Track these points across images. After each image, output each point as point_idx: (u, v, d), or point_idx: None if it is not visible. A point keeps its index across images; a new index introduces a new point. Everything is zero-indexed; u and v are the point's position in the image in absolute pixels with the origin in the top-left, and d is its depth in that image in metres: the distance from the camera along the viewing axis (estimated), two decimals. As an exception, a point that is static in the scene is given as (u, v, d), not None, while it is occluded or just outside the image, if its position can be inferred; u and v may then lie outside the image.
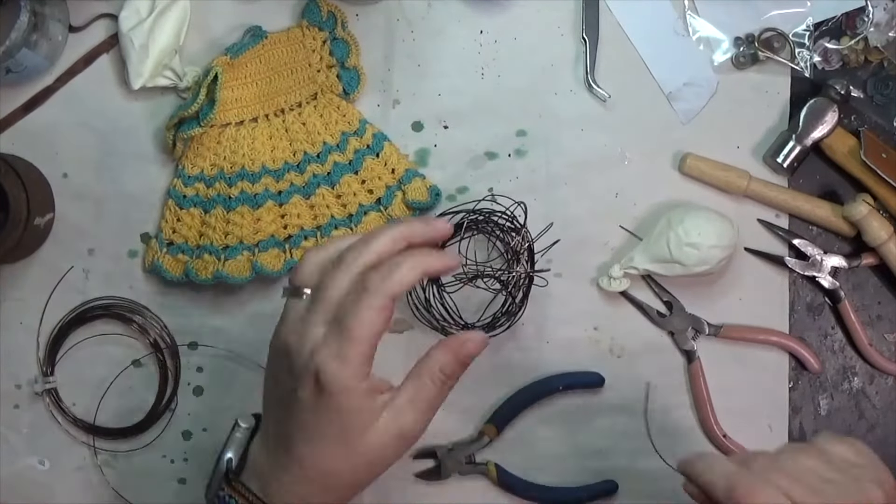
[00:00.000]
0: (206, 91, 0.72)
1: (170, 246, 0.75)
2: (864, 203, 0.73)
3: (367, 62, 0.76)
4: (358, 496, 0.76)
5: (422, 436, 0.57)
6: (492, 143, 0.77)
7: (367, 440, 0.55)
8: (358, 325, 0.52)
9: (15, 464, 0.77)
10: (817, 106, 0.74)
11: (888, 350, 0.77)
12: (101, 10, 0.76)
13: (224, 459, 0.60)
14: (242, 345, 0.76)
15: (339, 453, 0.55)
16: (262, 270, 0.73)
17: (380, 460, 0.56)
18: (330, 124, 0.75)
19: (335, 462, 0.56)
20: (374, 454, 0.56)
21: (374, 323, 0.53)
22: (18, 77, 0.75)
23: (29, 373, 0.77)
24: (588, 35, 0.76)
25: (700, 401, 0.75)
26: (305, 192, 0.75)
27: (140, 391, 0.77)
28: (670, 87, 0.76)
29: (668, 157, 0.77)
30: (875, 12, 0.75)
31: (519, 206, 0.70)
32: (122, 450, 0.77)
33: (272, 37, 0.75)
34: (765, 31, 0.76)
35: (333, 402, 0.53)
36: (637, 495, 0.76)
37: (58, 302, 0.76)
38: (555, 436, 0.76)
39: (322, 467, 0.56)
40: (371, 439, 0.55)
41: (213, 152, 0.75)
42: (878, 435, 0.76)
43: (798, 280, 0.77)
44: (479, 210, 0.65)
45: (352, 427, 0.54)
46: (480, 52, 0.77)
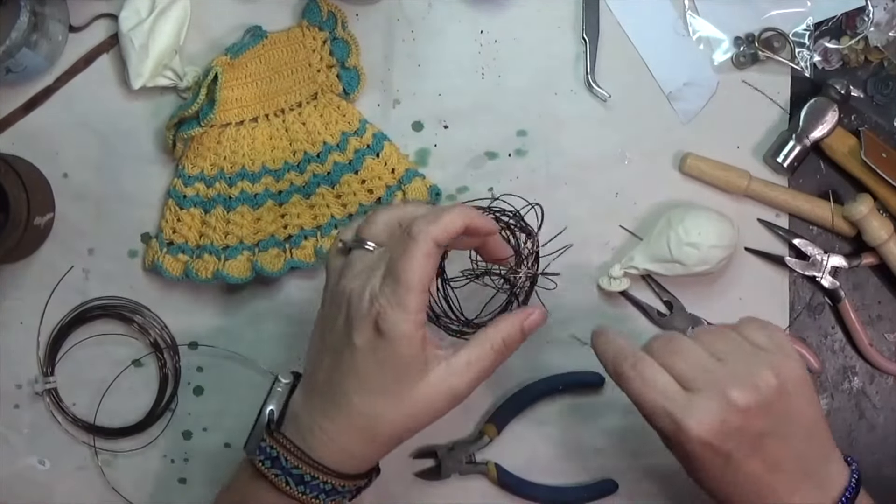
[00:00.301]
0: (206, 91, 0.72)
1: (170, 246, 0.75)
2: (865, 203, 0.73)
3: (367, 62, 0.76)
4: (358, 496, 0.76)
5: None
6: (492, 143, 0.77)
7: (419, 391, 0.56)
8: (409, 272, 0.54)
9: (15, 464, 0.77)
10: (817, 106, 0.74)
11: (888, 350, 0.77)
12: (101, 10, 0.76)
13: (266, 411, 0.62)
14: (242, 345, 0.76)
15: (390, 402, 0.57)
16: (262, 270, 0.73)
17: (425, 414, 0.58)
18: (330, 124, 0.75)
19: (384, 410, 0.57)
20: (421, 406, 0.57)
21: (423, 268, 0.54)
22: (18, 77, 0.75)
23: (29, 373, 0.77)
24: (588, 35, 0.76)
25: (700, 401, 0.75)
26: (305, 192, 0.75)
27: (140, 391, 0.77)
28: (670, 87, 0.76)
29: (668, 157, 0.77)
30: (875, 12, 0.75)
31: (534, 209, 0.69)
32: (122, 450, 0.77)
33: (272, 37, 0.75)
34: (765, 31, 0.76)
35: (391, 349, 0.55)
36: (637, 495, 0.76)
37: (58, 302, 0.76)
38: (555, 436, 0.76)
39: (370, 415, 0.57)
40: (422, 391, 0.56)
41: (213, 152, 0.75)
42: (878, 435, 0.77)
43: (798, 280, 0.77)
44: (492, 208, 0.64)
45: (406, 375, 0.56)
46: (480, 52, 0.77)
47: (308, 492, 0.58)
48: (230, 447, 0.76)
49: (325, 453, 0.59)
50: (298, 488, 0.58)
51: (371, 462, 0.61)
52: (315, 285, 0.76)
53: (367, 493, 0.76)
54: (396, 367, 0.56)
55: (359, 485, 0.61)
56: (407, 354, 0.56)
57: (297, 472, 0.58)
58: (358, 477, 0.61)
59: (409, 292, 0.54)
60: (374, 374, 0.56)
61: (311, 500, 0.59)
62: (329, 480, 0.58)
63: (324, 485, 0.58)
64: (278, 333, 0.76)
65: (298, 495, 0.59)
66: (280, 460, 0.59)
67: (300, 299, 0.76)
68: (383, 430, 0.58)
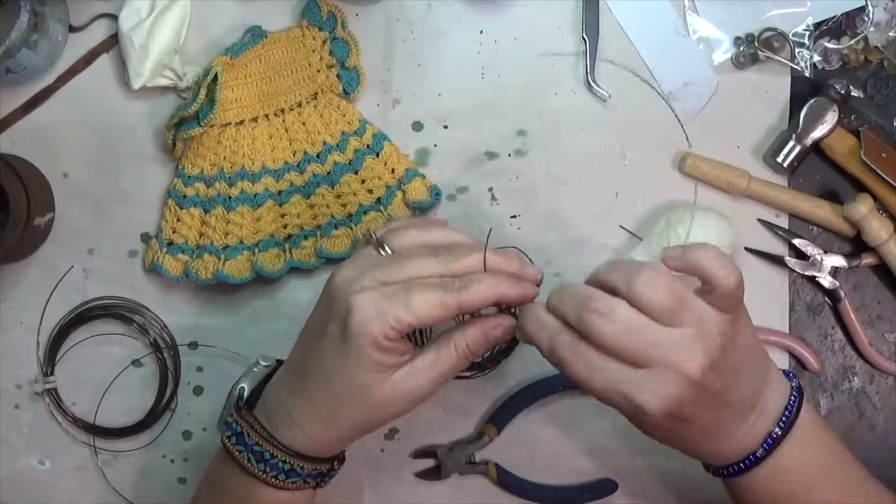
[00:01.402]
0: (206, 91, 0.72)
1: (170, 246, 0.75)
2: (865, 203, 0.73)
3: (367, 62, 0.76)
4: (358, 495, 0.76)
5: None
6: (492, 143, 0.77)
7: (378, 391, 0.57)
8: (416, 304, 0.54)
9: (15, 464, 0.77)
10: (817, 106, 0.74)
11: (888, 350, 0.77)
12: (101, 10, 0.76)
13: (237, 388, 0.63)
14: (242, 345, 0.76)
15: (349, 396, 0.57)
16: (262, 270, 0.73)
17: (387, 412, 0.59)
18: (330, 124, 0.75)
19: (342, 403, 0.58)
20: (381, 405, 0.58)
21: (430, 314, 0.55)
22: (18, 77, 0.75)
23: (29, 373, 0.77)
24: (588, 35, 0.76)
25: (700, 401, 0.75)
26: (305, 192, 0.75)
27: (140, 391, 0.77)
28: (670, 87, 0.76)
29: (668, 157, 0.77)
30: (875, 12, 0.75)
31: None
32: (122, 450, 0.77)
33: (272, 37, 0.75)
34: (765, 31, 0.76)
35: (354, 344, 0.55)
36: (637, 495, 0.76)
37: (58, 302, 0.76)
38: (555, 436, 0.76)
39: (329, 404, 0.58)
40: (382, 391, 0.57)
41: (213, 152, 0.75)
42: (878, 435, 0.76)
43: (798, 280, 0.77)
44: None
45: (364, 374, 0.56)
46: (480, 52, 0.77)
47: (268, 470, 0.59)
48: (230, 447, 0.76)
49: (288, 434, 0.59)
50: (259, 466, 0.59)
51: (332, 449, 0.62)
52: (315, 285, 0.76)
53: (366, 494, 0.76)
54: (357, 364, 0.56)
55: (319, 469, 0.61)
56: (367, 355, 0.55)
57: (258, 448, 0.59)
58: (318, 461, 0.61)
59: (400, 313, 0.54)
60: (337, 364, 0.57)
61: (271, 480, 0.60)
62: (288, 460, 0.59)
63: (283, 464, 0.59)
64: (278, 333, 0.76)
65: (258, 473, 0.59)
66: (244, 436, 0.60)
67: (300, 299, 0.76)
68: (343, 423, 0.59)
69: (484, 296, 0.55)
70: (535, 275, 0.59)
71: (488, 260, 0.57)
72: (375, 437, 0.76)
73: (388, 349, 0.55)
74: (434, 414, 0.76)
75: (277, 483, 0.60)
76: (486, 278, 0.56)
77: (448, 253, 0.57)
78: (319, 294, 0.60)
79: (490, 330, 0.58)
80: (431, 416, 0.76)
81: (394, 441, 0.76)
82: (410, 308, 0.54)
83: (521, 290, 0.57)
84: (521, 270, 0.58)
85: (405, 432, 0.76)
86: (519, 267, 0.58)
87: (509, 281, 0.56)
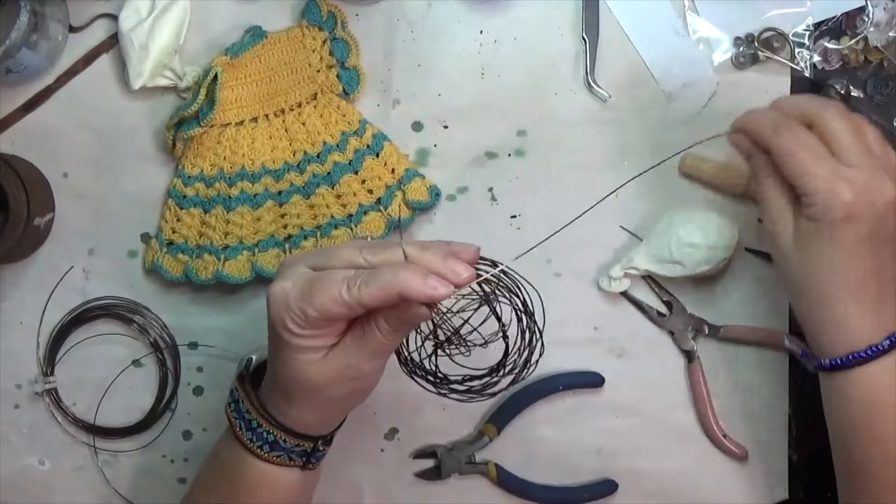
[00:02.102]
0: (205, 91, 0.72)
1: (170, 246, 0.75)
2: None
3: (367, 62, 0.76)
4: (358, 495, 0.76)
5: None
6: (492, 143, 0.77)
7: (314, 372, 0.57)
8: (317, 299, 0.54)
9: (15, 464, 0.77)
10: (817, 106, 0.74)
11: (888, 350, 0.76)
12: (101, 10, 0.76)
13: (245, 358, 0.65)
14: (242, 345, 0.76)
15: (292, 379, 0.58)
16: (262, 270, 0.73)
17: (333, 391, 0.58)
18: (330, 124, 0.75)
19: (292, 386, 0.59)
20: (324, 385, 0.58)
21: (331, 309, 0.54)
22: (18, 77, 0.75)
23: (29, 373, 0.77)
24: (588, 35, 0.76)
25: (700, 401, 0.75)
26: (305, 192, 0.75)
27: (140, 391, 0.77)
28: (670, 87, 0.76)
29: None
30: (875, 12, 0.75)
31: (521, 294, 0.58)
32: (122, 450, 0.77)
33: (272, 37, 0.75)
34: (765, 31, 0.76)
35: (275, 331, 0.56)
36: (637, 495, 0.76)
37: (58, 302, 0.76)
38: (555, 436, 0.76)
39: (282, 386, 0.59)
40: (318, 372, 0.57)
41: (213, 152, 0.75)
42: (878, 435, 0.76)
43: (798, 280, 0.76)
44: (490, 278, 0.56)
45: (295, 358, 0.57)
46: (480, 52, 0.77)
47: (254, 439, 0.61)
48: (230, 447, 0.76)
49: (270, 406, 0.61)
50: (247, 434, 0.61)
51: (312, 429, 0.62)
52: (315, 285, 0.76)
53: (366, 494, 0.76)
54: (283, 352, 0.57)
55: (303, 446, 0.62)
56: (286, 343, 0.56)
57: (248, 416, 0.61)
58: (301, 437, 0.61)
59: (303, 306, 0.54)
60: (276, 352, 0.58)
61: (256, 449, 0.61)
62: (272, 431, 0.60)
63: (267, 434, 0.60)
64: (278, 333, 0.76)
65: (246, 441, 0.61)
66: (239, 403, 0.62)
67: (300, 299, 0.76)
68: (300, 399, 0.59)
69: (380, 291, 0.52)
70: (461, 275, 0.53)
71: (408, 253, 0.54)
72: (375, 437, 0.76)
73: (304, 335, 0.55)
74: (434, 414, 0.76)
75: (262, 454, 0.61)
76: (387, 272, 0.52)
77: (378, 246, 0.56)
78: None
79: (403, 312, 0.54)
80: (431, 416, 0.76)
81: (394, 441, 0.76)
82: (311, 301, 0.54)
83: (427, 289, 0.52)
84: (441, 267, 0.53)
85: (405, 432, 0.76)
86: (439, 263, 0.53)
87: (416, 277, 0.52)
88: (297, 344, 0.56)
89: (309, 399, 0.59)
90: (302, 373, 0.57)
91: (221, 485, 0.64)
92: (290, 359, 0.57)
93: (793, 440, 0.76)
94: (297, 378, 0.57)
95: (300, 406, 0.60)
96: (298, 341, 0.56)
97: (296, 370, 0.57)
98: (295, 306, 0.54)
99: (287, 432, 0.60)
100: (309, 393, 0.58)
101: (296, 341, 0.56)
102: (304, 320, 0.54)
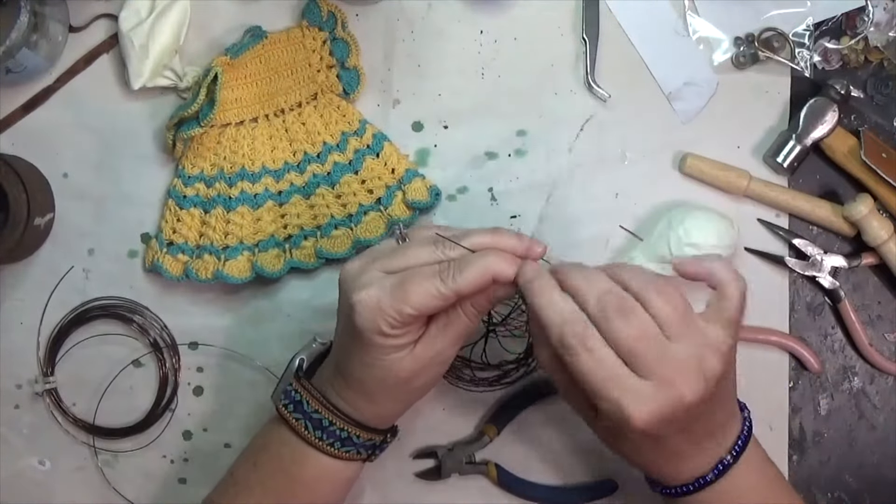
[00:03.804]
0: (206, 91, 0.72)
1: (170, 246, 0.75)
2: (865, 203, 0.73)
3: (367, 62, 0.76)
4: (358, 495, 0.76)
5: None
6: (492, 143, 0.77)
7: (402, 368, 0.59)
8: (413, 297, 0.56)
9: (15, 464, 0.77)
10: (817, 106, 0.74)
11: (888, 350, 0.77)
12: (101, 10, 0.76)
13: (297, 360, 0.68)
14: (242, 345, 0.76)
15: (376, 379, 0.60)
16: (262, 270, 0.73)
17: (419, 382, 0.60)
18: (330, 124, 0.75)
19: (374, 385, 0.60)
20: (410, 379, 0.60)
21: (428, 304, 0.56)
22: (18, 77, 0.75)
23: (29, 373, 0.77)
24: (588, 35, 0.76)
25: (700, 401, 0.75)
26: (305, 192, 0.75)
27: (140, 391, 0.77)
28: (670, 87, 0.76)
29: (668, 157, 0.77)
30: (875, 12, 0.75)
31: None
32: (122, 450, 0.77)
33: (272, 37, 0.75)
34: (765, 31, 0.76)
35: (365, 338, 0.57)
36: (637, 495, 0.76)
37: (58, 302, 0.76)
38: (555, 436, 0.76)
39: (365, 386, 0.60)
40: (406, 366, 0.59)
41: (213, 152, 0.75)
42: (878, 435, 0.77)
43: (798, 280, 0.77)
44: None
45: (382, 359, 0.58)
46: (480, 52, 0.77)
47: (324, 437, 0.61)
48: (230, 447, 0.76)
49: (340, 404, 0.62)
50: (316, 433, 0.62)
51: (384, 421, 0.63)
52: (315, 285, 0.76)
53: (366, 493, 0.76)
54: (376, 354, 0.58)
55: (373, 440, 0.63)
56: (374, 343, 0.57)
57: (317, 415, 0.61)
58: (374, 431, 0.63)
59: (397, 305, 0.56)
60: (359, 356, 0.59)
61: (326, 447, 0.62)
62: (346, 428, 0.61)
63: (340, 431, 0.61)
64: (278, 333, 0.76)
65: (314, 440, 0.61)
66: (302, 404, 0.62)
67: (300, 299, 0.76)
68: (382, 399, 0.61)
69: (477, 278, 0.56)
70: (536, 250, 0.58)
71: (483, 241, 0.57)
72: (375, 437, 0.76)
73: (398, 335, 0.57)
74: (434, 414, 0.76)
75: (333, 451, 0.62)
76: (477, 259, 0.56)
77: (451, 238, 0.58)
78: (319, 294, 0.60)
79: (490, 292, 0.58)
80: (431, 416, 0.76)
81: (394, 441, 0.76)
82: (408, 300, 0.56)
83: (515, 267, 0.56)
84: (518, 245, 0.58)
85: (405, 432, 0.76)
86: (515, 242, 0.58)
87: (503, 258, 0.56)
88: (389, 344, 0.57)
89: (395, 393, 0.61)
90: (392, 370, 0.59)
91: (275, 481, 0.64)
92: (379, 360, 0.58)
93: (793, 440, 0.76)
94: (387, 376, 0.59)
95: (384, 402, 0.61)
96: (390, 342, 0.57)
97: (386, 369, 0.59)
98: (390, 309, 0.56)
99: (361, 427, 0.62)
100: (397, 388, 0.60)
101: (388, 342, 0.57)
102: (399, 320, 0.56)
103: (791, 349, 0.75)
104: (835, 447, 0.77)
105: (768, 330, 0.75)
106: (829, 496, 0.76)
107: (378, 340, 0.57)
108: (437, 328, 0.59)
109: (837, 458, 0.77)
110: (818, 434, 0.77)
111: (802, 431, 0.76)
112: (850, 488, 0.77)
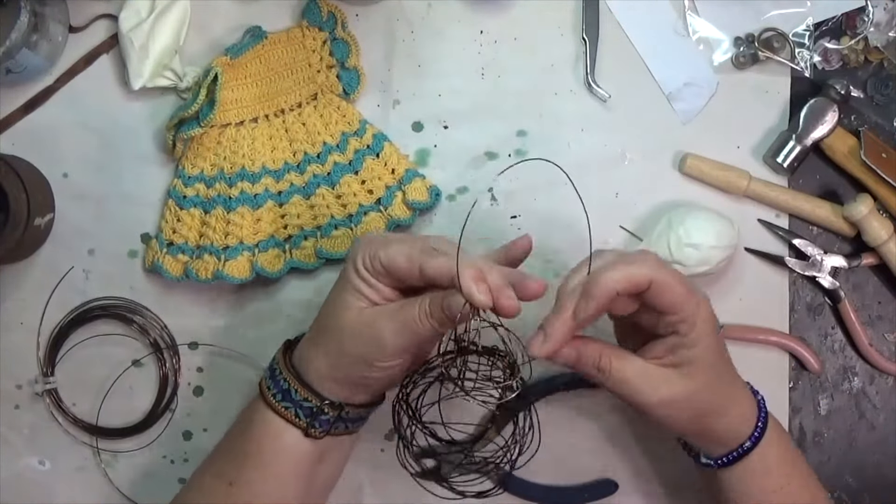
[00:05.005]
0: (206, 91, 0.72)
1: (170, 246, 0.75)
2: (865, 203, 0.73)
3: (367, 62, 0.76)
4: (358, 495, 0.76)
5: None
6: (492, 143, 0.77)
7: (348, 314, 0.62)
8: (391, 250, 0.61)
9: (15, 464, 0.77)
10: (817, 106, 0.74)
11: (888, 350, 0.77)
12: (101, 11, 0.76)
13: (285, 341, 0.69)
14: (242, 345, 0.76)
15: (331, 314, 0.63)
16: (262, 270, 0.73)
17: (354, 343, 0.62)
18: (330, 124, 0.75)
19: (325, 321, 0.64)
20: (348, 332, 0.62)
21: (394, 258, 0.60)
22: (18, 77, 0.75)
23: (29, 373, 0.77)
24: (588, 35, 0.76)
25: (700, 401, 0.75)
26: (305, 193, 0.75)
27: (140, 391, 0.77)
28: (670, 87, 0.76)
29: (668, 157, 0.77)
30: (875, 12, 0.75)
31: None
32: (122, 450, 0.77)
33: (272, 37, 0.75)
34: (765, 31, 0.76)
35: (345, 269, 0.63)
36: (637, 495, 0.76)
37: (58, 302, 0.76)
38: (555, 436, 0.76)
39: (320, 323, 0.65)
40: (351, 315, 0.62)
41: (213, 152, 0.75)
42: (878, 435, 0.77)
43: (798, 280, 0.77)
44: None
45: (345, 294, 0.63)
46: (480, 52, 0.77)
47: (271, 386, 0.64)
48: (230, 447, 0.77)
49: (296, 359, 0.65)
50: (267, 382, 0.65)
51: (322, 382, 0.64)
52: (315, 285, 0.76)
53: (366, 494, 0.76)
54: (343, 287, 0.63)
55: (310, 400, 0.63)
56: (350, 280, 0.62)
57: (275, 366, 0.65)
58: (310, 390, 0.64)
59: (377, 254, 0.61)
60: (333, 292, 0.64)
61: (269, 397, 0.64)
62: (287, 378, 0.64)
63: (283, 381, 0.64)
64: (278, 333, 0.76)
65: (263, 388, 0.65)
66: (273, 360, 0.66)
67: (300, 299, 0.76)
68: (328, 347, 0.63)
69: (440, 266, 0.59)
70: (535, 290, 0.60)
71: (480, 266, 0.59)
72: (375, 437, 0.76)
73: (366, 278, 0.62)
74: (434, 414, 0.75)
75: (273, 402, 0.64)
76: (450, 260, 0.59)
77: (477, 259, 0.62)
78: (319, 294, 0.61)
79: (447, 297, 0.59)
80: (431, 417, 0.75)
81: (394, 441, 0.76)
82: (386, 250, 0.61)
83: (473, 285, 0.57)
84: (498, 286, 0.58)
85: (405, 432, 0.76)
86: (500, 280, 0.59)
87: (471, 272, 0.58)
88: (356, 281, 0.62)
89: (328, 340, 0.63)
90: (341, 311, 0.62)
91: (229, 441, 0.67)
92: (341, 298, 0.63)
93: (793, 441, 0.76)
94: (335, 314, 0.63)
95: (319, 348, 0.64)
96: (357, 282, 0.62)
97: (338, 307, 0.62)
98: (370, 249, 0.61)
99: (299, 381, 0.63)
100: (333, 333, 0.63)
101: (356, 280, 0.62)
102: (372, 265, 0.61)
103: (791, 349, 0.75)
104: (835, 447, 0.77)
105: (768, 330, 0.75)
106: (829, 496, 0.76)
107: (350, 273, 0.62)
108: (393, 307, 0.61)
109: (837, 458, 0.77)
110: (818, 434, 0.77)
111: (802, 431, 0.77)
112: (851, 488, 0.77)
